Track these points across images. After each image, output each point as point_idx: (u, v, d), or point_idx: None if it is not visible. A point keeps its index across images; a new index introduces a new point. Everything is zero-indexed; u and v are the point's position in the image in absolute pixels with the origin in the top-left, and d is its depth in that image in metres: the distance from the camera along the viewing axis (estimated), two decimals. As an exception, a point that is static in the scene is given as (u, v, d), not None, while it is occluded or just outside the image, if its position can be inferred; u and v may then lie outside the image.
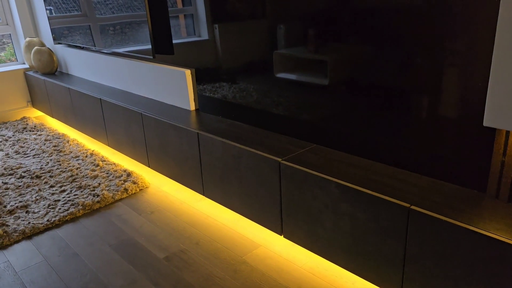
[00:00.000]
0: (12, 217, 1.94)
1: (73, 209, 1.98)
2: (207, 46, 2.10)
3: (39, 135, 3.04)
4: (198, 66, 2.16)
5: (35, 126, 3.23)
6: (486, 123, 1.01)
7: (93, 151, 2.65)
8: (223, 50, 2.03)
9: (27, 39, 3.34)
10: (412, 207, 1.12)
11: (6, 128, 3.24)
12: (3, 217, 1.95)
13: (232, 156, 1.68)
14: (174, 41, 2.22)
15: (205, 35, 2.13)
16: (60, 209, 1.99)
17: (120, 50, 2.52)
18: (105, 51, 2.73)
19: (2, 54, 4.88)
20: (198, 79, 2.15)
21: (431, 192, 1.19)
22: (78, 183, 2.23)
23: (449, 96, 1.20)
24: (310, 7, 1.55)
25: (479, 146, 1.15)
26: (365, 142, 1.49)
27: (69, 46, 3.16)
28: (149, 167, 2.26)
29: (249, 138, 1.70)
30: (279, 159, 1.48)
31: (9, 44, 3.65)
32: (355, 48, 1.43)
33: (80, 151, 2.68)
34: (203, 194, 1.92)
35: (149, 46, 2.23)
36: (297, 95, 1.71)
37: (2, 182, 2.30)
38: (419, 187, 1.22)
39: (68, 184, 2.23)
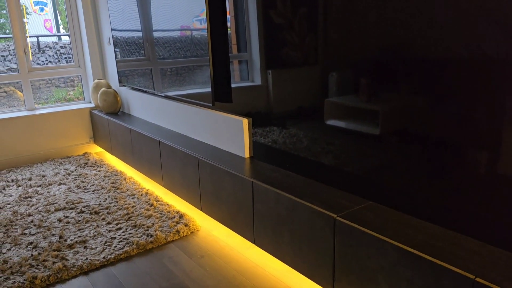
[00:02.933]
0: (72, 251, 2.04)
1: (128, 248, 2.05)
2: (260, 91, 2.18)
3: (99, 170, 3.22)
4: (250, 109, 2.24)
5: (95, 162, 3.43)
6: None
7: (148, 190, 2.76)
8: (275, 95, 2.09)
9: (96, 80, 3.61)
10: (477, 279, 1.07)
11: (70, 163, 3.46)
12: (63, 251, 2.05)
13: (286, 208, 1.69)
14: (228, 86, 2.32)
15: (258, 81, 2.21)
16: (116, 246, 2.07)
17: (178, 93, 2.66)
18: (164, 95, 2.89)
19: (71, 93, 5.29)
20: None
21: (495, 263, 1.14)
22: (133, 221, 2.32)
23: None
24: (363, 55, 1.58)
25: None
26: (421, 200, 1.46)
27: (133, 89, 3.38)
28: (201, 210, 2.31)
29: (303, 190, 1.72)
30: (334, 215, 1.48)
31: (78, 84, 3.96)
32: (408, 99, 1.43)
33: (136, 189, 2.79)
34: (253, 242, 1.93)
35: (205, 89, 2.34)
36: (347, 144, 1.72)
37: (64, 216, 2.43)
38: (481, 256, 1.17)
39: (124, 222, 2.32)
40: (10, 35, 3.47)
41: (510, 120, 1.18)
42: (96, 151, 3.85)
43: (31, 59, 3.58)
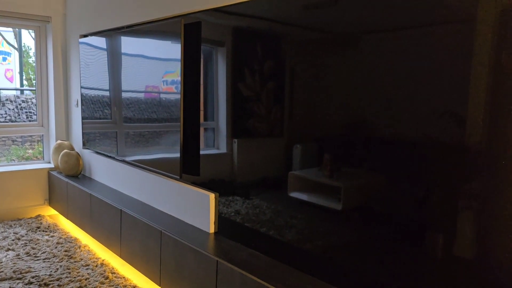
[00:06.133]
0: (15, 330, 1.88)
1: (78, 327, 1.92)
2: (225, 159, 2.21)
3: (52, 236, 3.05)
4: (213, 177, 2.25)
5: (48, 226, 3.26)
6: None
7: (103, 260, 2.64)
8: (240, 164, 2.13)
9: (58, 141, 3.54)
10: None
11: (20, 226, 3.27)
12: (5, 330, 1.88)
13: (249, 289, 1.67)
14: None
15: (223, 149, 2.25)
16: (64, 325, 1.93)
17: (144, 158, 2.64)
18: (128, 161, 2.86)
19: (30, 151, 5.12)
20: (212, 189, 2.21)
21: None
22: (86, 296, 2.19)
23: (467, 238, 1.23)
24: (326, 131, 1.67)
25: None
26: (387, 283, 1.48)
27: (97, 152, 3.34)
28: (159, 286, 2.22)
29: (268, 273, 1.71)
30: (299, 301, 1.47)
31: (39, 143, 3.86)
32: (371, 177, 1.51)
33: (90, 259, 2.66)
34: (214, 323, 1.86)
35: (173, 157, 2.34)
36: (310, 218, 1.75)
37: (10, 287, 2.26)
38: None
39: (76, 297, 2.18)
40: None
41: (465, 205, 1.26)
42: (50, 213, 3.67)
43: (-9, 116, 3.49)
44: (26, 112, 6.48)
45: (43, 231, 3.18)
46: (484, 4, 1.14)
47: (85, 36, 3.32)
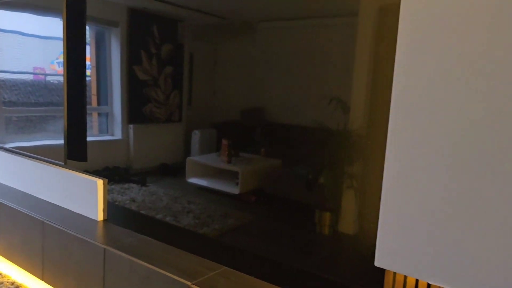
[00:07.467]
0: None
1: None
2: (120, 145, 2.13)
3: None
4: (107, 164, 2.15)
5: None
6: (377, 263, 1.17)
7: (-25, 258, 2.34)
8: (136, 151, 2.07)
9: None
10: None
11: None
12: None
13: (140, 277, 1.62)
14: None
15: (118, 135, 2.16)
16: None
17: (26, 145, 2.41)
18: (8, 147, 2.58)
19: None
20: (106, 177, 2.11)
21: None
22: (-48, 299, 1.93)
23: (350, 215, 1.36)
24: (226, 117, 1.70)
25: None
26: (276, 265, 1.57)
27: (-34, 137, 2.93)
28: (43, 280, 2.05)
29: (159, 257, 1.68)
30: (189, 283, 1.47)
31: None
32: (266, 162, 1.58)
33: (-42, 257, 2.34)
34: (105, 315, 1.78)
35: (57, 143, 2.18)
36: (208, 203, 1.77)
37: None
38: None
39: None
40: None
41: (348, 185, 1.39)
42: None
43: None
44: None
45: None
46: (365, 1, 1.26)
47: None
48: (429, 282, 1.05)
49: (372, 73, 1.27)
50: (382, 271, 1.26)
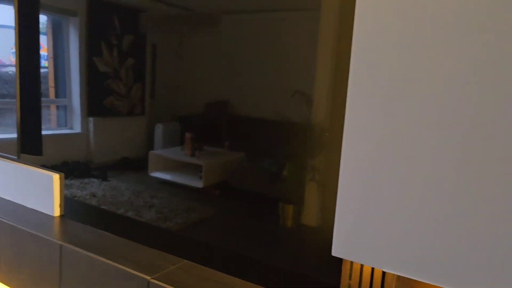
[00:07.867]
0: None
1: None
2: (79, 139, 2.06)
3: None
4: (66, 158, 2.08)
5: None
6: (334, 253, 1.19)
7: None
8: (97, 145, 2.01)
9: None
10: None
11: None
12: None
13: (98, 272, 1.58)
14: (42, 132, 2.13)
15: (78, 128, 2.10)
16: None
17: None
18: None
19: None
20: (64, 172, 2.05)
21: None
22: None
23: (312, 207, 1.38)
24: (189, 110, 1.69)
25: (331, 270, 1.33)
26: (237, 257, 1.57)
27: None
28: (-4, 280, 1.96)
29: (118, 252, 1.64)
30: (148, 278, 1.45)
31: None
32: (230, 155, 1.58)
33: None
34: (64, 313, 1.73)
35: (10, 136, 2.09)
36: (170, 197, 1.75)
37: None
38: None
39: None
40: None
41: (310, 178, 1.41)
42: None
43: None
44: None
45: None
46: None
47: None
48: (384, 270, 1.08)
49: (334, 66, 1.30)
50: (340, 261, 1.29)
